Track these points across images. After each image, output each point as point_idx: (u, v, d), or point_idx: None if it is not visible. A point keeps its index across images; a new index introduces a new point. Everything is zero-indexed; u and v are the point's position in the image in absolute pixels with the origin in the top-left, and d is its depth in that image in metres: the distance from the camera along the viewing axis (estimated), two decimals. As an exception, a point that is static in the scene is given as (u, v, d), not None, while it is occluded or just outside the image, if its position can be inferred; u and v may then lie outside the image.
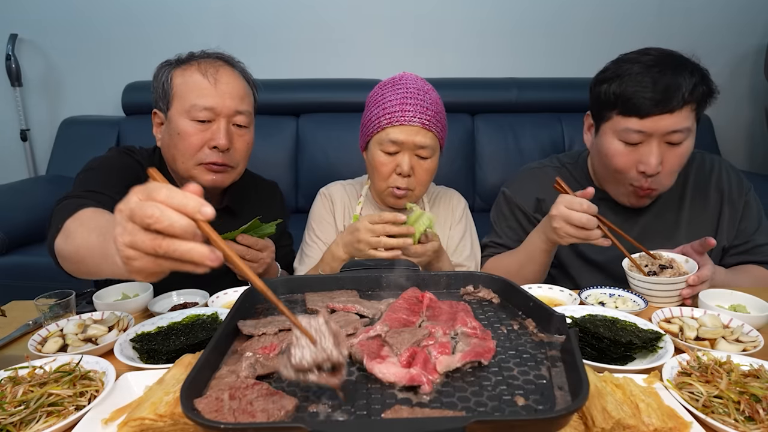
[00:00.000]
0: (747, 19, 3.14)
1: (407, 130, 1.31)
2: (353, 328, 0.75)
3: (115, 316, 1.09)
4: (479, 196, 2.98)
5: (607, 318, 0.99)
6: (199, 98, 1.25)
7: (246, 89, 1.33)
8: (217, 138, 1.25)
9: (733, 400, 0.72)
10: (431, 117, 1.33)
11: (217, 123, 1.27)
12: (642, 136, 1.26)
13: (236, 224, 1.27)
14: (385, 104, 1.34)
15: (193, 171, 1.29)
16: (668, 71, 1.23)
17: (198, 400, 0.58)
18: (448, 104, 1.44)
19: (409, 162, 1.33)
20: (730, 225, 1.43)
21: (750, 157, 3.40)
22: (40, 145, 3.24)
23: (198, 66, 1.28)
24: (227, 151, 1.28)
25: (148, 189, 0.61)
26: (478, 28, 3.15)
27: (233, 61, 1.36)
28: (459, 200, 1.58)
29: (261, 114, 3.37)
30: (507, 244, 1.53)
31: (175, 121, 1.27)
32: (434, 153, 1.36)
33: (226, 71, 1.30)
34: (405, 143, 1.32)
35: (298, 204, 2.97)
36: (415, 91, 1.34)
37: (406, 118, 1.31)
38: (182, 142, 1.26)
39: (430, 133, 1.33)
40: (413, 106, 1.31)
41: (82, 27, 3.08)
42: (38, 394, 0.75)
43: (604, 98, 1.30)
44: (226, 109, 1.26)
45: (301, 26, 3.12)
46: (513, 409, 0.58)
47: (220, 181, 1.31)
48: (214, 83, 1.26)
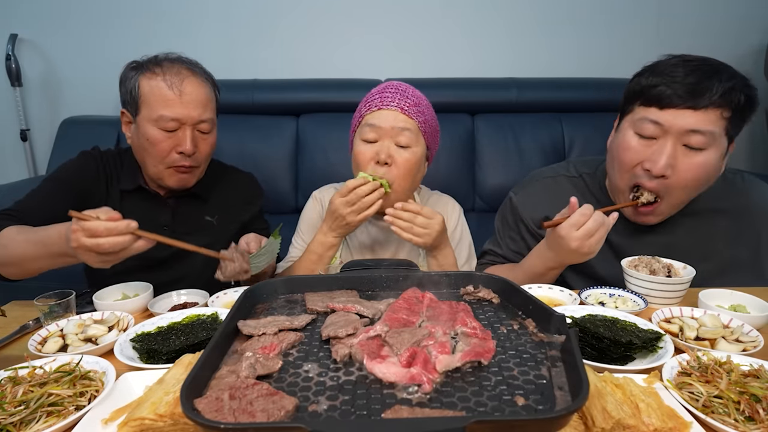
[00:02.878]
0: (747, 19, 3.14)
1: (385, 114, 1.32)
2: (353, 328, 0.75)
3: (115, 316, 1.09)
4: (479, 197, 2.98)
5: (607, 318, 0.99)
6: (165, 109, 1.34)
7: (209, 95, 1.42)
8: (183, 144, 1.37)
9: (733, 400, 0.72)
10: (411, 104, 1.32)
11: (183, 130, 1.38)
12: (658, 129, 1.15)
13: (205, 208, 1.53)
14: (366, 98, 1.39)
15: (162, 173, 1.42)
16: (706, 69, 1.13)
17: (198, 400, 0.58)
18: (448, 104, 1.45)
19: (388, 150, 1.31)
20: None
21: (750, 157, 3.40)
22: (40, 145, 3.24)
23: (164, 77, 1.36)
24: (192, 154, 1.40)
25: (88, 228, 0.98)
26: (478, 28, 3.15)
27: (196, 68, 1.43)
28: (454, 207, 1.57)
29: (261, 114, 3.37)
30: (507, 255, 1.47)
31: (143, 127, 1.37)
32: (416, 143, 1.33)
33: (191, 81, 1.38)
34: (382, 128, 1.31)
35: (299, 204, 2.97)
36: (398, 85, 1.38)
37: (384, 103, 1.32)
38: (152, 147, 1.38)
39: (410, 120, 1.32)
40: (392, 93, 1.34)
41: (82, 27, 3.08)
42: (38, 394, 0.75)
43: (632, 91, 1.21)
44: (190, 119, 1.37)
45: (301, 26, 3.12)
46: (513, 409, 0.58)
47: (186, 181, 1.45)
48: (180, 95, 1.35)
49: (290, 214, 2.89)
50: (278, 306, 0.89)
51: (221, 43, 3.14)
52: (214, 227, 1.51)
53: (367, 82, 3.02)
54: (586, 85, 3.02)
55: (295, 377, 0.66)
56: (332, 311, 0.84)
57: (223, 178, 1.60)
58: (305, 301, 0.89)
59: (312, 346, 0.74)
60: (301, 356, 0.72)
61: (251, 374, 0.64)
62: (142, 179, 1.48)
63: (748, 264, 1.31)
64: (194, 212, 1.51)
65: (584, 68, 3.10)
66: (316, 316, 0.84)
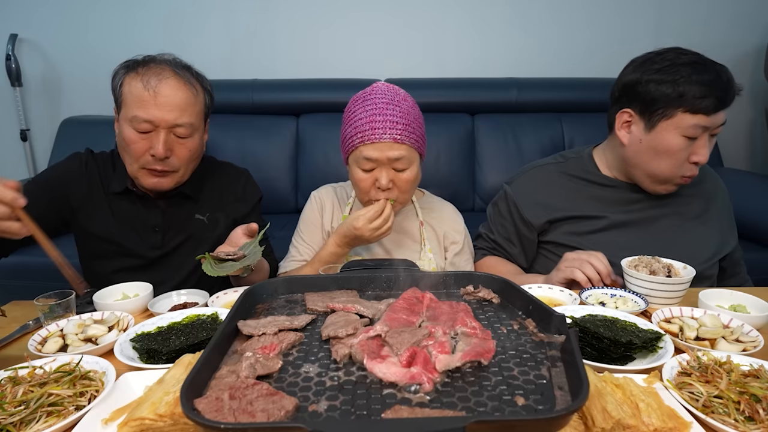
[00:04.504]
0: (747, 19, 3.15)
1: (379, 146, 1.30)
2: (353, 328, 0.75)
3: (115, 316, 1.09)
4: (479, 196, 2.98)
5: (607, 318, 0.99)
6: (139, 110, 1.31)
7: (189, 99, 1.35)
8: (155, 148, 1.32)
9: (733, 400, 0.72)
10: (402, 130, 1.31)
11: (156, 133, 1.32)
12: (703, 130, 1.33)
13: (196, 207, 1.49)
14: (355, 122, 1.34)
15: (137, 173, 1.38)
16: (720, 70, 1.31)
17: (198, 400, 0.58)
18: (448, 104, 1.44)
19: (387, 176, 1.33)
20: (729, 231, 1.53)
21: (750, 157, 3.40)
22: (40, 145, 3.24)
23: (141, 77, 1.32)
24: (166, 159, 1.35)
25: None
26: (478, 27, 3.15)
27: (183, 70, 1.37)
28: (458, 217, 1.59)
29: (261, 114, 3.37)
30: (498, 240, 1.61)
31: (122, 126, 1.35)
32: (412, 163, 1.35)
33: (169, 83, 1.32)
34: (379, 159, 1.31)
35: (299, 204, 2.97)
36: (384, 106, 1.32)
37: (376, 136, 1.30)
38: (128, 147, 1.35)
39: (404, 146, 1.31)
40: (382, 123, 1.30)
41: (82, 27, 3.08)
42: (38, 394, 0.75)
43: (663, 97, 1.33)
44: (164, 122, 1.32)
45: (301, 26, 3.13)
46: (513, 409, 0.58)
47: (161, 184, 1.39)
48: (154, 96, 1.30)
49: (290, 214, 2.89)
50: (278, 306, 0.89)
51: (221, 43, 3.14)
52: (204, 225, 1.49)
53: (367, 82, 2.99)
54: (586, 85, 3.02)
55: (295, 377, 0.66)
56: (332, 311, 0.84)
57: (215, 174, 1.57)
58: (305, 301, 0.90)
59: (312, 346, 0.74)
60: (301, 356, 0.72)
61: (251, 374, 0.64)
62: (131, 181, 1.44)
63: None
64: (185, 212, 1.49)
65: (584, 68, 3.10)
66: (316, 316, 0.84)
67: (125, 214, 1.45)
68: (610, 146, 1.53)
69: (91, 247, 1.46)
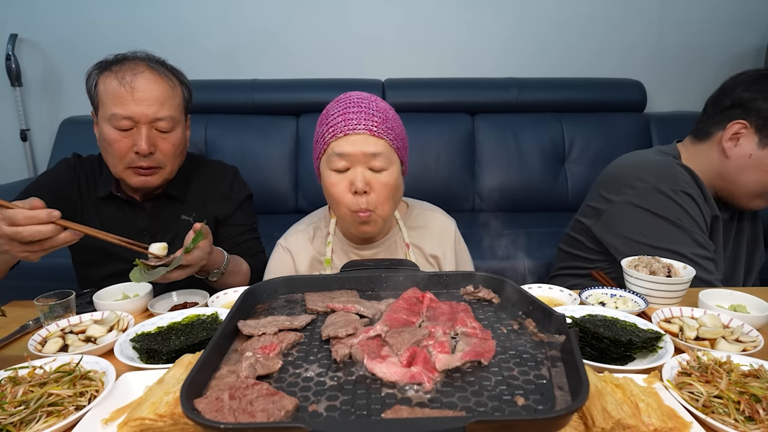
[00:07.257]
0: (747, 19, 3.14)
1: (353, 140, 1.16)
2: (353, 328, 0.75)
3: (115, 316, 1.09)
4: (479, 197, 2.98)
5: (607, 318, 0.99)
6: (117, 107, 1.29)
7: (167, 92, 1.34)
8: (138, 144, 1.30)
9: (733, 400, 0.72)
10: (379, 123, 1.18)
11: (138, 129, 1.31)
12: None
13: (183, 207, 1.47)
14: (328, 120, 1.21)
15: (122, 174, 1.36)
16: None
17: (198, 400, 0.58)
18: (448, 104, 1.41)
19: (363, 177, 1.17)
20: None
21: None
22: (40, 145, 3.24)
23: (116, 74, 1.30)
24: (150, 155, 1.33)
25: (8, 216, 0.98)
26: (479, 28, 3.15)
27: (157, 64, 1.36)
28: (448, 223, 1.44)
29: (261, 114, 3.37)
30: (716, 259, 1.43)
31: (101, 127, 1.33)
32: (391, 164, 1.20)
33: (145, 76, 1.31)
34: (352, 155, 1.17)
35: (299, 204, 2.97)
36: (359, 101, 1.21)
37: (349, 127, 1.17)
38: (110, 147, 1.33)
39: (381, 141, 1.17)
40: (356, 114, 1.18)
41: (82, 27, 3.08)
42: (38, 394, 0.75)
43: None
44: (144, 117, 1.30)
45: (301, 26, 3.13)
46: (513, 409, 0.58)
47: (149, 182, 1.37)
48: (131, 91, 1.29)
49: (290, 214, 2.89)
50: (278, 306, 0.89)
51: (221, 43, 3.14)
52: (191, 225, 1.47)
53: (367, 82, 3.02)
54: (586, 85, 3.02)
55: (295, 377, 0.66)
56: (332, 311, 0.84)
57: (201, 173, 1.54)
58: (305, 301, 0.89)
59: (312, 346, 0.74)
60: (301, 356, 0.72)
61: (251, 374, 0.64)
62: (116, 185, 1.43)
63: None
64: (171, 214, 1.47)
65: (584, 68, 3.10)
66: (316, 316, 0.84)
67: (113, 219, 1.44)
68: (699, 156, 1.47)
69: (83, 254, 1.46)
